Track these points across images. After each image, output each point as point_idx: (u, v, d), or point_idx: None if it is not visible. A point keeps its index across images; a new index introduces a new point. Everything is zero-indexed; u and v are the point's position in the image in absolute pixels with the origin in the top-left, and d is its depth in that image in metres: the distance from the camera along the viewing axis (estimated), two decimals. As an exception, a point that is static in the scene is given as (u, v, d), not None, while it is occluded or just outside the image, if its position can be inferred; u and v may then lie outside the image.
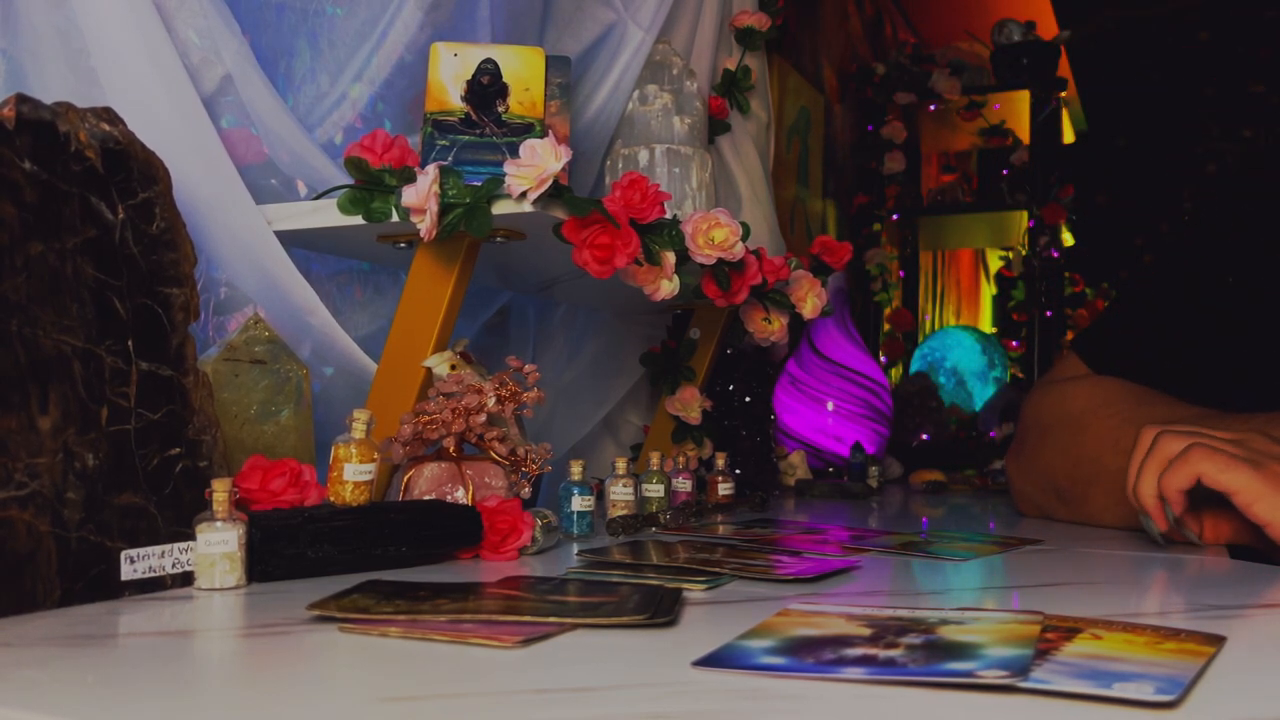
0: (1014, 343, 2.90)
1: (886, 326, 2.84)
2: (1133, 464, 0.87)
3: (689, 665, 0.45)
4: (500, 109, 0.98)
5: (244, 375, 0.86)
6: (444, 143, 0.96)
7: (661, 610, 0.54)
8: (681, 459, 1.19)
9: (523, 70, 0.98)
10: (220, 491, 0.63)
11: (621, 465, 1.02)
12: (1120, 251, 4.81)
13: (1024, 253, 2.69)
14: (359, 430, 0.73)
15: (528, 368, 0.90)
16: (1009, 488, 1.22)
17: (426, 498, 0.84)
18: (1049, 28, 3.67)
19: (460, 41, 1.01)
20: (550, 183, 0.83)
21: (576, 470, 0.93)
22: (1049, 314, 2.64)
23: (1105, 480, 0.94)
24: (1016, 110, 2.75)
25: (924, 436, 2.38)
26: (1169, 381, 1.04)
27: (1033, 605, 0.59)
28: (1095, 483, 1.00)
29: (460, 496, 0.85)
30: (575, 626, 0.52)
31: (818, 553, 0.82)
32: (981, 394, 2.62)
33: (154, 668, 0.46)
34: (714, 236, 1.00)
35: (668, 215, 0.98)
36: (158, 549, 0.62)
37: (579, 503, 0.92)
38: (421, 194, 0.84)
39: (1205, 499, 0.83)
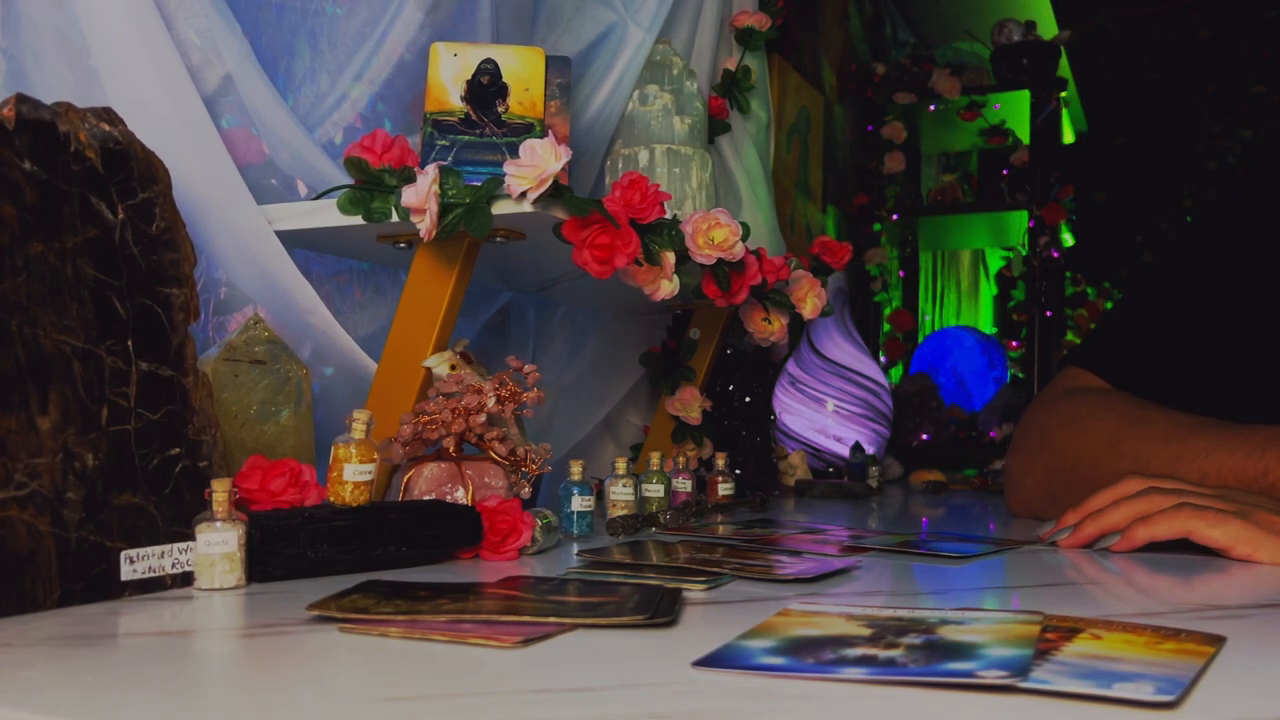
0: (1014, 343, 2.90)
1: (886, 326, 2.84)
2: (1103, 497, 0.88)
3: (689, 665, 0.45)
4: (500, 109, 0.98)
5: (244, 375, 0.86)
6: (444, 143, 0.96)
7: (661, 610, 0.54)
8: (681, 459, 1.19)
9: (522, 70, 0.98)
10: (220, 492, 0.63)
11: (621, 465, 1.02)
12: (1120, 250, 4.81)
13: (1024, 253, 2.69)
14: (359, 430, 0.73)
15: (528, 368, 0.90)
16: (1005, 486, 1.22)
17: (426, 498, 0.84)
18: (1049, 28, 3.67)
19: (460, 41, 1.01)
20: (550, 183, 0.83)
21: (576, 470, 0.94)
22: (1049, 314, 2.64)
23: (1100, 484, 0.94)
24: (1016, 110, 2.75)
25: (924, 436, 2.38)
26: (1184, 392, 1.04)
27: (1033, 605, 0.59)
28: (1090, 486, 1.00)
29: (460, 496, 0.85)
30: (575, 626, 0.52)
31: (818, 553, 0.82)
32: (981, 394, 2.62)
33: (154, 668, 0.46)
34: (714, 236, 1.00)
35: (668, 215, 0.98)
36: (158, 549, 0.62)
37: (579, 503, 0.92)
38: (421, 194, 0.84)
39: None
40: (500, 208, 0.86)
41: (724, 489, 1.20)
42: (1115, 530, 0.84)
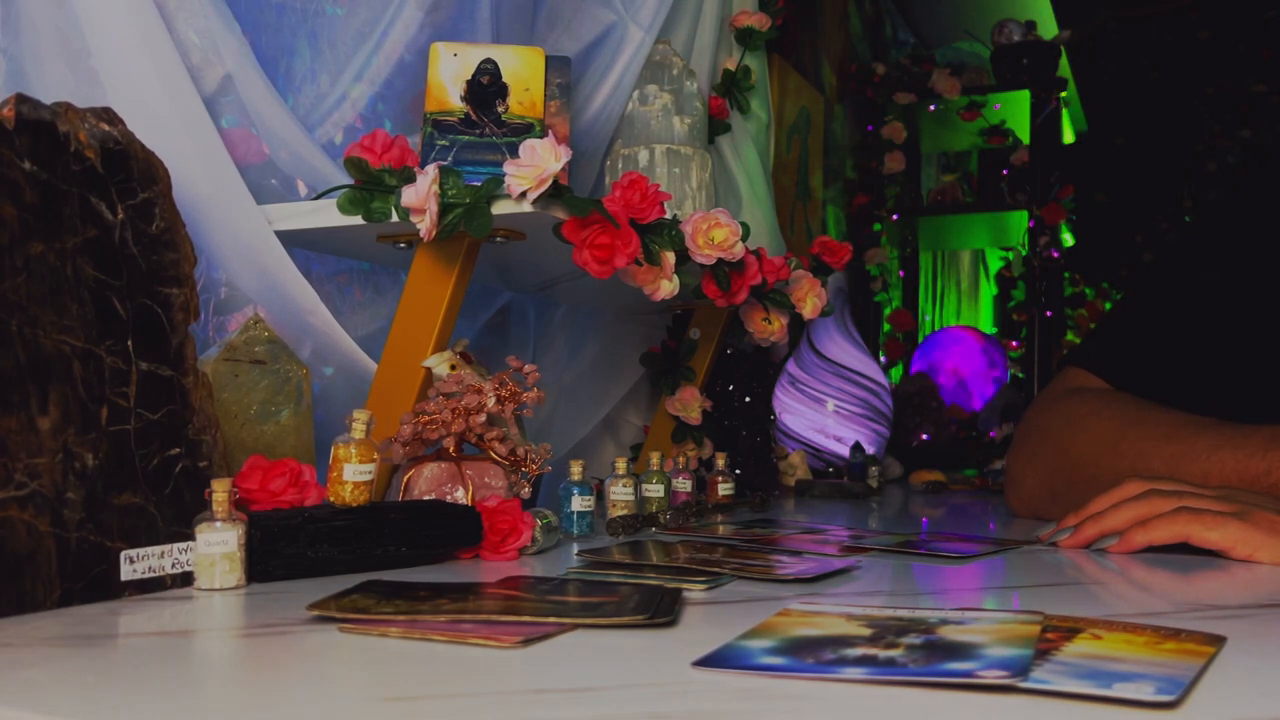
0: (1014, 343, 2.90)
1: (886, 326, 2.84)
2: (1103, 500, 0.88)
3: (689, 665, 0.45)
4: (500, 109, 0.98)
5: (244, 375, 0.86)
6: (444, 143, 0.96)
7: (661, 610, 0.54)
8: (681, 459, 1.19)
9: (522, 70, 0.98)
10: (220, 492, 0.63)
11: (621, 465, 1.02)
12: (1120, 250, 4.81)
13: (1024, 253, 2.69)
14: (359, 430, 0.73)
15: (527, 368, 0.90)
16: (1005, 485, 1.22)
17: (426, 498, 0.84)
18: (1049, 28, 3.67)
19: (460, 41, 1.01)
20: (550, 183, 0.83)
21: (576, 470, 0.94)
22: (1049, 314, 2.64)
23: (1101, 483, 0.94)
24: (1016, 110, 2.75)
25: (924, 436, 2.38)
26: (1185, 392, 1.04)
27: (1033, 605, 0.59)
28: (1091, 485, 1.00)
29: (460, 496, 0.85)
30: (575, 626, 0.52)
31: (818, 553, 0.82)
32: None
33: (154, 668, 0.46)
34: (714, 236, 1.00)
35: (668, 215, 0.98)
36: (157, 549, 0.62)
37: (579, 503, 0.92)
38: (421, 194, 0.84)
39: None
40: (500, 208, 0.86)
41: (724, 489, 1.20)
42: (1115, 533, 0.84)
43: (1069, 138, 3.54)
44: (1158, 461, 0.96)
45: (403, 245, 0.93)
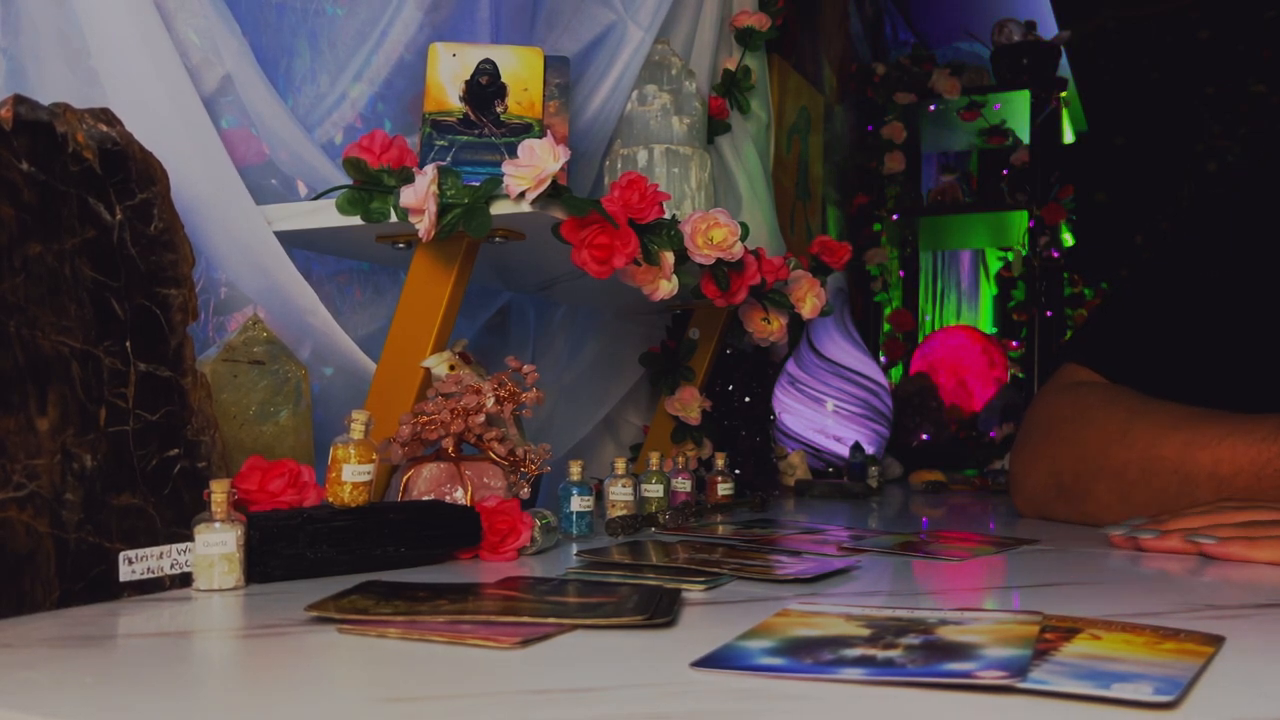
0: (1014, 343, 2.90)
1: (886, 326, 2.84)
2: (1199, 518, 0.84)
3: (688, 665, 0.45)
4: (499, 109, 0.98)
5: (243, 376, 0.86)
6: (443, 143, 0.96)
7: (661, 610, 0.54)
8: (681, 459, 1.19)
9: (521, 70, 0.98)
10: (219, 492, 0.63)
11: (621, 465, 1.02)
12: (1120, 250, 4.81)
13: (1024, 253, 2.69)
14: (357, 431, 0.73)
15: (526, 368, 0.90)
16: (1009, 485, 1.22)
17: (425, 498, 0.84)
18: (1049, 28, 3.67)
19: (459, 42, 1.01)
20: (549, 183, 0.83)
21: (576, 470, 0.93)
22: (1049, 314, 2.64)
23: (1109, 474, 0.93)
24: (1016, 110, 2.75)
25: (924, 436, 2.38)
26: (1182, 388, 1.04)
27: (1032, 605, 0.59)
28: (1099, 477, 0.99)
29: (459, 497, 0.85)
30: (575, 627, 0.52)
31: (817, 553, 0.82)
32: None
33: (153, 669, 0.46)
34: (713, 236, 1.00)
35: (667, 215, 0.98)
36: (156, 550, 0.62)
37: (578, 503, 0.92)
38: (420, 194, 0.84)
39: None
40: (499, 208, 0.86)
41: (724, 489, 1.20)
42: (1205, 537, 0.81)
43: (1069, 138, 3.54)
44: (1168, 449, 0.95)
45: (402, 245, 0.93)
